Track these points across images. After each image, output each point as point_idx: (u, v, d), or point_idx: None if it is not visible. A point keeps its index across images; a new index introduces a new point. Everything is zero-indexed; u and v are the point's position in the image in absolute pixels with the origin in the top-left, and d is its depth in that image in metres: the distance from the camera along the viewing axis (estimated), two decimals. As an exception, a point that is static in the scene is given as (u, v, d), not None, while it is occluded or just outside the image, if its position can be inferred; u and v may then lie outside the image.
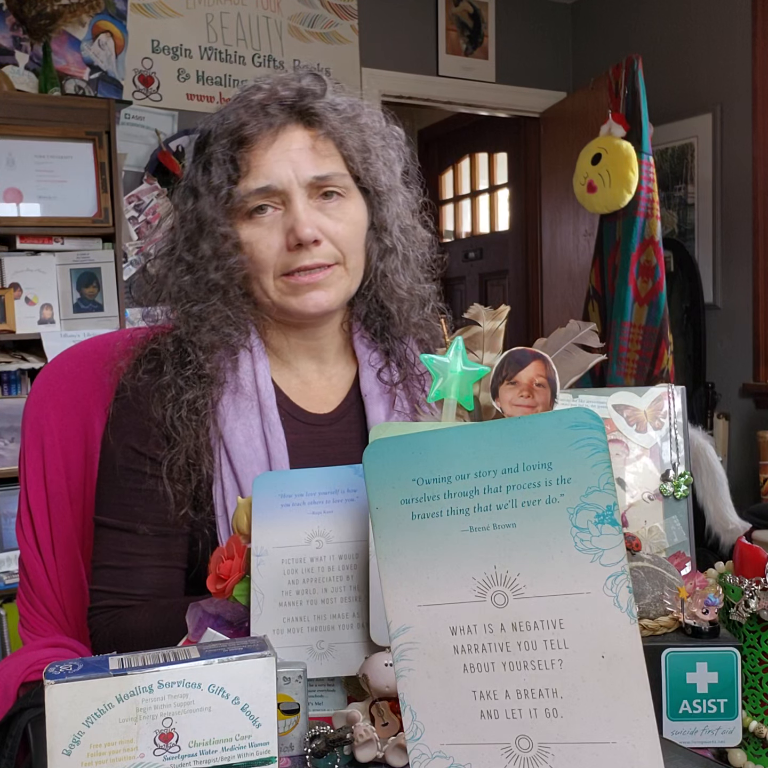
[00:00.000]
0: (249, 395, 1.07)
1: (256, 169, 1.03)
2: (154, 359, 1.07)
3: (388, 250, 1.12)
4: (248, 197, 1.03)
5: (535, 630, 0.53)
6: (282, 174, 1.02)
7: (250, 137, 1.03)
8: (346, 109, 1.07)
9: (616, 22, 4.22)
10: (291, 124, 1.04)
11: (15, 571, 2.77)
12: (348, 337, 1.17)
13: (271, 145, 1.03)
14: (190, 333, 1.06)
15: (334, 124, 1.05)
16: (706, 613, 0.75)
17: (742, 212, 3.65)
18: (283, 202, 1.04)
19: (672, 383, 0.96)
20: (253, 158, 1.03)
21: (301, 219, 1.02)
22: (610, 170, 3.25)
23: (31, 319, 2.96)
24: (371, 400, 1.13)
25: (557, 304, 4.39)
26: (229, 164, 1.03)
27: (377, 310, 1.16)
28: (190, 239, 1.07)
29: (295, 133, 1.04)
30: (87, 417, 1.22)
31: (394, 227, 1.12)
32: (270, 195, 1.03)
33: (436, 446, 0.55)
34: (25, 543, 1.19)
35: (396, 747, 0.70)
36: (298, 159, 1.03)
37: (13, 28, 3.16)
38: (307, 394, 1.14)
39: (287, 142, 1.04)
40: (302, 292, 1.06)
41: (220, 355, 1.07)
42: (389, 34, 3.97)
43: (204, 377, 1.05)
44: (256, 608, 0.80)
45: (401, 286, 1.14)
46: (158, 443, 1.03)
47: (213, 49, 3.61)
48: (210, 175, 1.04)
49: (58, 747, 0.58)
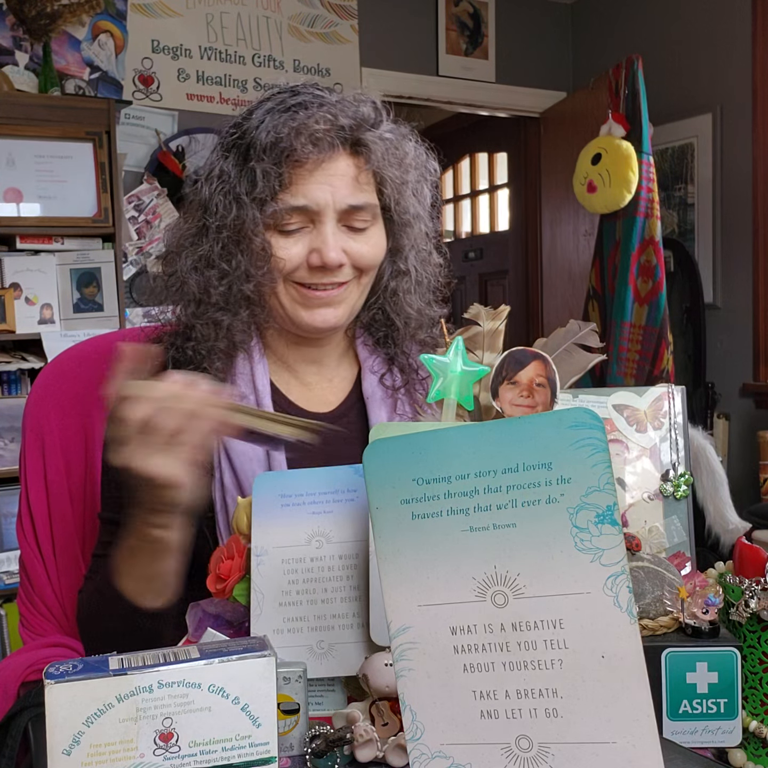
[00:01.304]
0: (246, 395, 1.07)
1: (296, 187, 1.02)
2: (158, 359, 1.07)
3: (401, 272, 1.14)
4: (283, 212, 1.03)
5: (535, 630, 0.53)
6: (320, 197, 1.03)
7: (299, 157, 1.02)
8: (393, 141, 1.08)
9: (616, 22, 4.22)
10: (340, 151, 1.04)
11: (15, 571, 2.77)
12: (351, 342, 1.19)
13: (318, 167, 1.03)
14: (205, 338, 1.06)
15: (379, 156, 1.05)
16: (706, 613, 0.75)
17: (742, 212, 3.65)
18: (312, 220, 1.04)
19: (672, 383, 0.96)
20: (296, 176, 1.03)
21: (329, 243, 1.03)
22: (610, 170, 3.25)
23: (31, 319, 2.96)
24: (373, 403, 1.14)
25: (557, 304, 4.39)
26: (275, 179, 1.02)
27: (382, 320, 1.17)
28: (227, 247, 1.05)
29: (340, 161, 1.04)
30: (87, 417, 1.22)
31: (411, 253, 1.14)
32: (302, 213, 1.04)
33: (436, 446, 0.55)
34: (26, 543, 1.19)
35: (396, 747, 0.70)
36: (339, 185, 1.03)
37: (13, 28, 3.16)
38: (306, 395, 1.15)
39: (333, 167, 1.04)
40: (314, 306, 1.07)
41: (220, 356, 1.07)
42: (389, 34, 3.97)
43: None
44: (256, 608, 0.80)
45: (411, 305, 1.15)
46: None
47: (213, 49, 3.61)
48: (255, 186, 1.02)
49: (58, 747, 0.58)
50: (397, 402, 1.14)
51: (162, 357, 1.07)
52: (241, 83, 3.66)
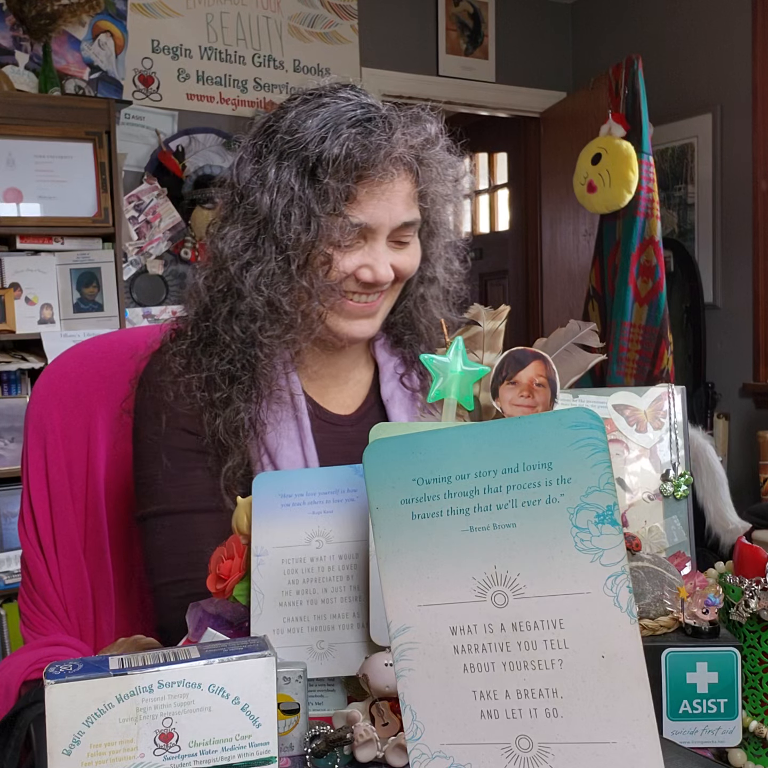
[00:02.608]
0: (286, 401, 1.09)
1: (358, 204, 1.02)
2: (185, 353, 1.08)
3: (430, 279, 1.16)
4: (345, 228, 1.02)
5: (535, 630, 0.53)
6: (380, 215, 1.03)
7: (373, 176, 1.01)
8: (446, 162, 1.09)
9: (616, 22, 4.22)
10: (403, 172, 1.04)
11: (15, 571, 2.78)
12: (367, 343, 1.19)
13: (380, 186, 1.02)
14: (241, 342, 1.05)
15: (429, 179, 1.07)
16: (706, 613, 0.75)
17: (742, 212, 3.65)
18: (365, 236, 1.04)
19: (672, 383, 0.96)
20: (359, 192, 1.02)
21: (381, 260, 1.04)
22: (610, 170, 3.25)
23: (31, 319, 2.96)
24: (393, 405, 1.15)
25: (557, 304, 4.39)
26: (344, 195, 1.01)
27: (408, 324, 1.18)
28: (304, 267, 1.03)
29: (400, 180, 1.04)
30: (89, 416, 1.22)
31: (439, 261, 1.16)
32: (361, 229, 1.03)
33: (436, 446, 0.55)
34: (28, 542, 1.19)
35: (396, 747, 0.70)
36: (396, 202, 1.04)
37: (13, 28, 3.16)
38: (324, 398, 1.16)
39: (392, 185, 1.03)
40: (354, 317, 1.08)
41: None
42: (389, 34, 3.97)
43: (235, 379, 1.06)
44: (256, 608, 0.80)
45: (439, 311, 1.17)
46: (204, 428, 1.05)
47: (213, 49, 3.61)
48: (327, 202, 1.00)
49: (58, 747, 0.58)
50: (416, 403, 1.16)
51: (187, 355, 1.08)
52: (241, 83, 3.66)
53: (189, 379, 1.05)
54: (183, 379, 1.06)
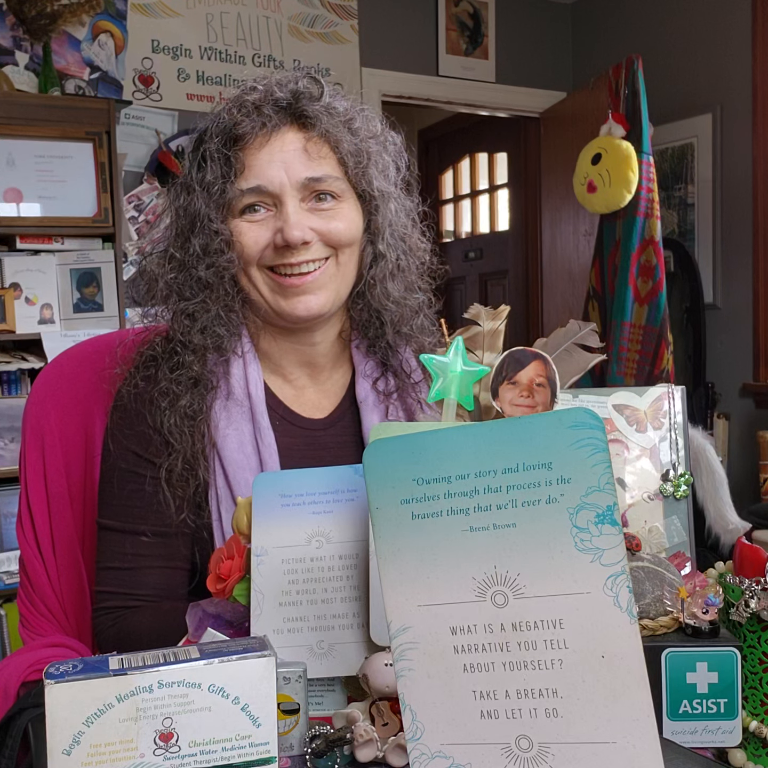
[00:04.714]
0: (240, 401, 1.07)
1: (249, 168, 1.03)
2: (151, 365, 1.07)
3: (379, 255, 1.11)
4: (240, 196, 1.03)
5: (535, 630, 0.53)
6: (274, 175, 1.02)
7: (243, 136, 1.03)
8: (341, 113, 1.06)
9: (616, 22, 4.22)
10: (285, 125, 1.04)
11: (15, 571, 2.77)
12: (346, 345, 1.17)
13: (264, 145, 1.03)
14: (182, 333, 1.06)
15: (328, 126, 1.04)
16: (706, 613, 0.75)
17: (742, 212, 3.65)
18: (275, 203, 1.04)
19: (672, 383, 0.96)
20: (246, 157, 1.03)
21: (291, 221, 1.02)
22: (610, 170, 3.25)
23: (31, 319, 2.96)
24: (366, 408, 1.13)
25: (557, 304, 4.39)
26: (222, 161, 1.03)
27: (370, 319, 1.14)
28: (181, 235, 1.07)
29: (288, 134, 1.04)
30: (87, 417, 1.22)
31: (386, 234, 1.11)
32: (262, 195, 1.03)
33: (436, 446, 0.55)
34: (26, 543, 1.19)
35: (396, 747, 0.70)
36: (291, 160, 1.03)
37: (13, 28, 3.16)
38: (300, 400, 1.14)
39: (280, 143, 1.03)
40: (291, 295, 1.05)
41: (212, 359, 1.07)
42: (389, 34, 3.97)
43: (197, 383, 1.05)
44: (256, 608, 0.80)
45: (390, 294, 1.11)
46: (158, 449, 1.04)
47: (213, 49, 3.61)
48: (204, 171, 1.04)
49: (58, 747, 0.58)
50: (389, 408, 1.13)
51: (155, 362, 1.07)
52: (239, 83, 3.65)
53: (151, 392, 1.05)
54: (147, 396, 1.05)
